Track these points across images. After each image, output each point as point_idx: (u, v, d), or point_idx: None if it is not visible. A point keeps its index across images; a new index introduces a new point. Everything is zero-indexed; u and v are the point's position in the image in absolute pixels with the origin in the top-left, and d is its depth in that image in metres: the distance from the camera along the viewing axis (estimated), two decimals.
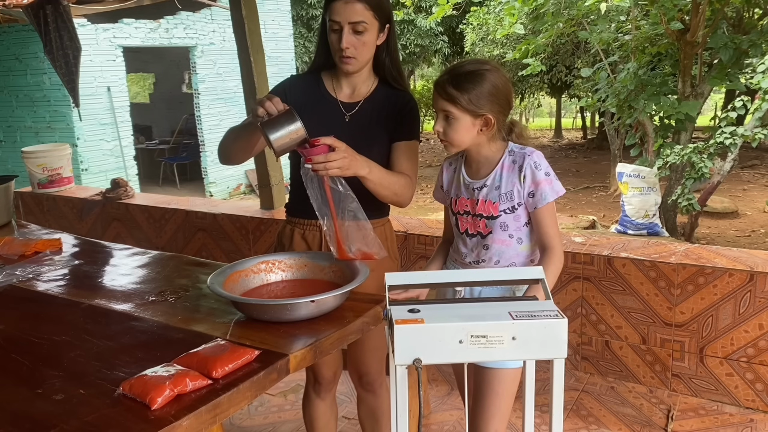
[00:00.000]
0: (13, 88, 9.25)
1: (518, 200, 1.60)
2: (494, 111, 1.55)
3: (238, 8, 3.49)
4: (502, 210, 1.61)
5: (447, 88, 1.54)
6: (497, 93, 1.55)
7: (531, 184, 1.58)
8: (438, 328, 1.09)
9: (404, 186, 1.71)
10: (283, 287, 1.59)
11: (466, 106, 1.53)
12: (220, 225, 3.85)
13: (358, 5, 1.62)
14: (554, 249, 1.59)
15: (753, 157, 12.13)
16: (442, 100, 1.56)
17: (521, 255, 1.65)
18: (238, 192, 11.33)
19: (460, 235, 1.70)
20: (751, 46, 6.19)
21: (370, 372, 1.88)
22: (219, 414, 1.10)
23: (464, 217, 1.68)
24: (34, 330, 1.46)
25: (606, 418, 2.56)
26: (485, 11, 9.45)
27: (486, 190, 1.62)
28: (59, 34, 4.10)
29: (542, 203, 1.58)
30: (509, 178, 1.60)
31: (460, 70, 1.56)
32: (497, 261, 1.64)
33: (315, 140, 1.46)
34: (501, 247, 1.63)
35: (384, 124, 1.75)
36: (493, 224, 1.62)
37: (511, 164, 1.61)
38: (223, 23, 10.34)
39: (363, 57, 1.69)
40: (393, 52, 1.77)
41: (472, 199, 1.65)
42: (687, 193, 6.32)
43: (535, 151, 1.61)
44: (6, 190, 2.60)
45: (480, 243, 1.65)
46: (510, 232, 1.63)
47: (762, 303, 2.48)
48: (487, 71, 1.54)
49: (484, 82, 1.53)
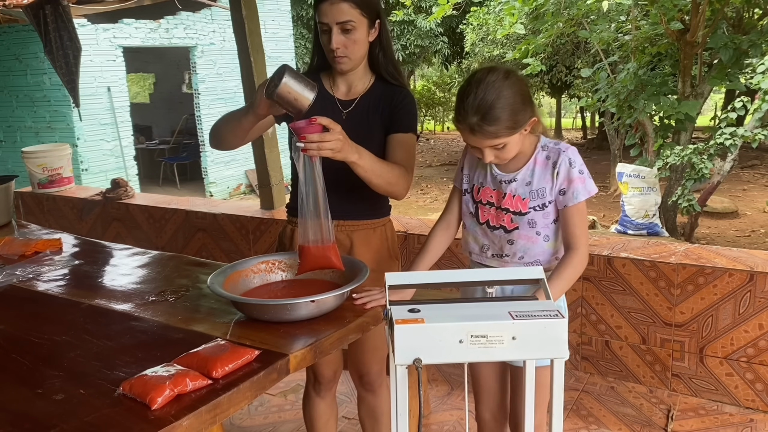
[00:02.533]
0: (13, 88, 9.25)
1: (549, 198, 1.56)
2: (532, 112, 1.51)
3: (238, 8, 3.49)
4: (531, 207, 1.56)
5: (484, 129, 1.46)
6: (523, 98, 1.50)
7: (564, 181, 1.54)
8: (438, 328, 1.09)
9: (398, 176, 1.67)
10: (283, 287, 1.59)
11: (511, 130, 1.47)
12: (220, 225, 3.85)
13: (343, 5, 1.61)
14: (578, 250, 1.54)
15: (753, 157, 12.12)
16: (485, 140, 1.49)
17: (546, 252, 1.61)
18: (238, 192, 11.33)
19: (479, 225, 1.65)
20: (751, 46, 6.19)
21: (371, 372, 1.88)
22: (219, 414, 1.10)
23: (486, 207, 1.63)
24: (34, 330, 1.46)
25: (606, 418, 2.56)
26: (485, 11, 9.45)
27: (515, 185, 1.57)
28: (59, 34, 4.10)
29: (572, 202, 1.53)
30: (542, 174, 1.56)
31: (485, 104, 1.45)
32: (521, 257, 1.60)
33: (312, 119, 1.44)
34: (527, 244, 1.60)
35: (381, 119, 1.74)
36: (520, 220, 1.58)
37: (544, 160, 1.56)
38: (223, 23, 10.34)
39: (355, 55, 1.68)
40: (386, 47, 1.76)
41: (498, 191, 1.60)
42: (687, 194, 6.32)
43: (570, 147, 1.56)
44: (6, 190, 2.60)
45: (503, 237, 1.61)
46: (537, 229, 1.58)
47: (762, 303, 2.48)
48: (505, 87, 1.46)
49: (510, 99, 1.46)
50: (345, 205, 1.72)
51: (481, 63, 13.73)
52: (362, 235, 1.79)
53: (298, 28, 14.19)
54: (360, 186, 1.66)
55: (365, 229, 1.79)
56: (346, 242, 1.77)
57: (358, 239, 1.78)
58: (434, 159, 14.73)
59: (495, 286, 1.58)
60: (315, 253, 1.51)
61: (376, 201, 1.81)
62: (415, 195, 10.71)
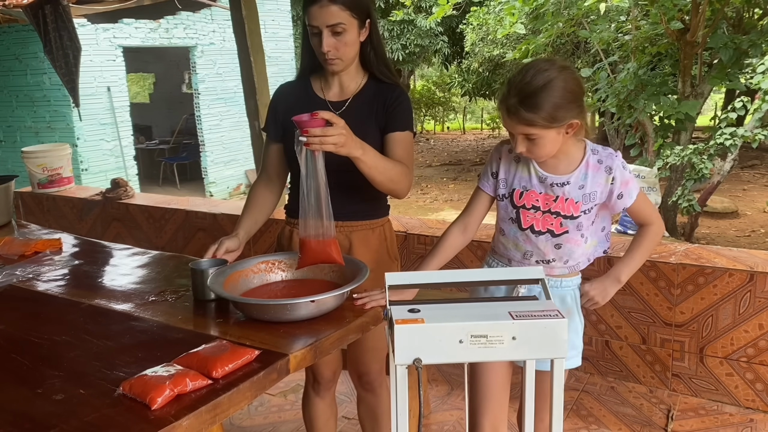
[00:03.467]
0: (13, 88, 9.25)
1: (598, 200, 1.56)
2: (577, 114, 1.46)
3: (238, 8, 3.49)
4: (583, 210, 1.55)
5: (521, 113, 1.42)
6: (574, 97, 1.45)
7: (621, 185, 1.54)
8: (438, 328, 1.09)
9: (401, 173, 1.66)
10: (283, 287, 1.59)
11: (548, 123, 1.43)
12: (220, 225, 3.85)
13: (333, 7, 1.60)
14: (652, 224, 1.63)
15: (753, 157, 12.12)
16: (519, 125, 1.45)
17: (585, 254, 1.63)
18: (238, 192, 11.33)
19: (521, 231, 1.60)
20: (751, 46, 6.19)
21: (370, 372, 1.88)
22: (219, 414, 1.10)
23: (531, 212, 1.58)
24: (34, 330, 1.46)
25: (606, 418, 2.56)
26: (485, 11, 9.45)
27: (569, 188, 1.54)
28: (59, 34, 4.11)
29: (632, 200, 1.56)
30: (594, 178, 1.54)
31: (528, 88, 1.42)
32: (566, 261, 1.61)
33: (314, 113, 1.43)
34: (573, 247, 1.59)
35: (375, 118, 1.73)
36: (570, 224, 1.56)
37: (596, 164, 1.55)
38: (223, 23, 10.33)
39: (347, 56, 1.68)
40: (377, 46, 1.75)
41: (547, 195, 1.56)
42: (687, 194, 6.32)
43: (618, 152, 1.58)
44: (6, 190, 2.60)
45: (550, 241, 1.59)
46: (582, 232, 1.58)
47: (762, 303, 2.48)
48: (556, 78, 1.42)
49: (557, 92, 1.42)
50: (344, 206, 1.72)
51: (480, 63, 13.74)
52: (361, 235, 1.79)
53: (298, 28, 14.18)
54: (358, 186, 1.65)
55: (364, 230, 1.79)
56: (344, 243, 1.77)
57: (356, 240, 1.78)
58: (434, 159, 14.72)
59: (525, 286, 1.59)
60: (315, 248, 1.51)
61: (375, 201, 1.81)
62: (415, 195, 10.71)
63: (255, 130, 3.70)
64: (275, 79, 2.18)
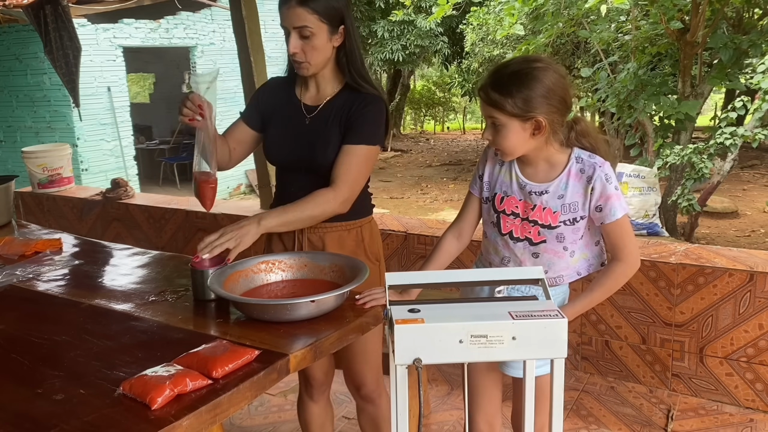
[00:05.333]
0: (13, 88, 9.24)
1: (582, 213, 1.50)
2: (546, 112, 1.42)
3: (238, 8, 3.49)
4: (562, 221, 1.50)
5: (489, 93, 1.42)
6: (548, 93, 1.41)
7: (599, 197, 1.47)
8: (438, 328, 1.09)
9: (318, 204, 1.64)
10: (283, 287, 1.59)
11: (512, 110, 1.41)
12: (220, 225, 3.83)
13: (299, 9, 1.59)
14: (621, 262, 1.50)
15: (753, 157, 12.11)
16: (486, 105, 1.44)
17: (571, 267, 1.57)
18: (238, 192, 11.33)
19: (501, 236, 1.58)
20: (751, 46, 6.19)
21: (367, 383, 1.86)
22: (219, 414, 1.10)
23: (510, 218, 1.56)
24: (34, 330, 1.46)
25: (606, 418, 2.56)
26: (485, 11, 9.44)
27: (547, 197, 1.51)
28: (59, 34, 4.11)
29: (610, 219, 1.48)
30: (575, 188, 1.49)
31: (504, 71, 1.43)
32: (545, 271, 1.53)
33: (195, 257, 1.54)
34: (552, 258, 1.54)
35: (338, 126, 1.71)
36: (548, 234, 1.52)
37: (578, 173, 1.49)
38: (223, 23, 10.34)
39: (315, 60, 1.66)
40: (350, 53, 1.70)
41: (525, 202, 1.54)
42: (687, 194, 6.31)
43: (605, 162, 1.50)
44: (6, 190, 2.60)
45: (527, 249, 1.55)
46: (565, 245, 1.53)
47: (762, 303, 2.48)
48: (536, 69, 1.41)
49: (531, 82, 1.40)
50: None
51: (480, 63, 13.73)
52: (335, 236, 1.78)
53: None
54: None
55: (338, 231, 1.78)
56: (318, 243, 1.77)
57: (330, 240, 1.77)
58: (434, 159, 14.72)
59: (503, 287, 1.57)
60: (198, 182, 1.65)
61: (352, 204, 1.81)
62: (415, 195, 10.71)
63: None
64: None
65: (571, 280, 1.61)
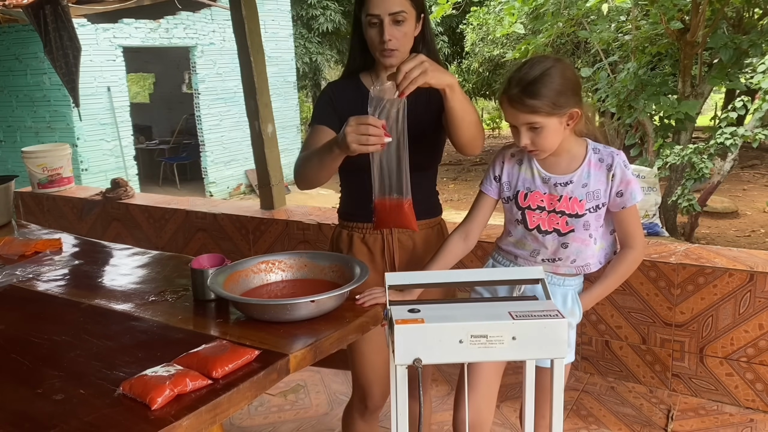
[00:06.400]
0: (13, 88, 9.25)
1: (603, 200, 1.57)
2: (575, 102, 1.51)
3: (238, 8, 3.49)
4: (588, 209, 1.57)
5: (524, 101, 1.47)
6: (572, 85, 1.50)
7: (621, 183, 1.55)
8: (438, 328, 1.09)
9: (480, 122, 1.59)
10: (283, 287, 1.59)
11: (551, 110, 1.47)
12: (220, 225, 3.85)
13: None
14: (633, 249, 1.61)
15: (753, 157, 12.12)
16: (522, 114, 1.49)
17: (595, 255, 1.63)
18: (238, 192, 11.33)
19: (528, 231, 1.62)
20: (751, 46, 6.19)
21: (373, 396, 1.82)
22: (219, 414, 1.10)
23: (536, 212, 1.61)
24: (34, 330, 1.45)
25: (606, 418, 2.56)
26: (485, 11, 9.46)
27: (572, 187, 1.57)
28: (59, 34, 4.10)
29: (631, 202, 1.56)
30: (597, 176, 1.56)
31: (528, 77, 1.48)
32: (574, 260, 1.61)
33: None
34: (580, 246, 1.60)
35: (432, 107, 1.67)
36: (576, 222, 1.57)
37: (598, 162, 1.57)
38: (223, 23, 10.34)
39: (405, 48, 1.61)
40: (429, 42, 1.69)
41: (551, 195, 1.59)
42: (687, 194, 6.32)
43: (620, 151, 1.58)
44: (6, 190, 2.60)
45: (557, 240, 1.60)
46: (590, 232, 1.59)
47: (762, 303, 2.48)
48: (552, 67, 1.48)
49: (556, 79, 1.47)
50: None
51: (480, 63, 13.73)
52: (423, 235, 1.75)
53: (297, 28, 14.19)
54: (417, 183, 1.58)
55: (425, 229, 1.75)
56: (408, 244, 1.74)
57: (420, 240, 1.74)
58: None
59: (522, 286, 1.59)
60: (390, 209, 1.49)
61: (431, 198, 1.79)
62: None
63: (255, 130, 3.70)
64: (275, 79, 2.16)
65: (595, 269, 1.65)
